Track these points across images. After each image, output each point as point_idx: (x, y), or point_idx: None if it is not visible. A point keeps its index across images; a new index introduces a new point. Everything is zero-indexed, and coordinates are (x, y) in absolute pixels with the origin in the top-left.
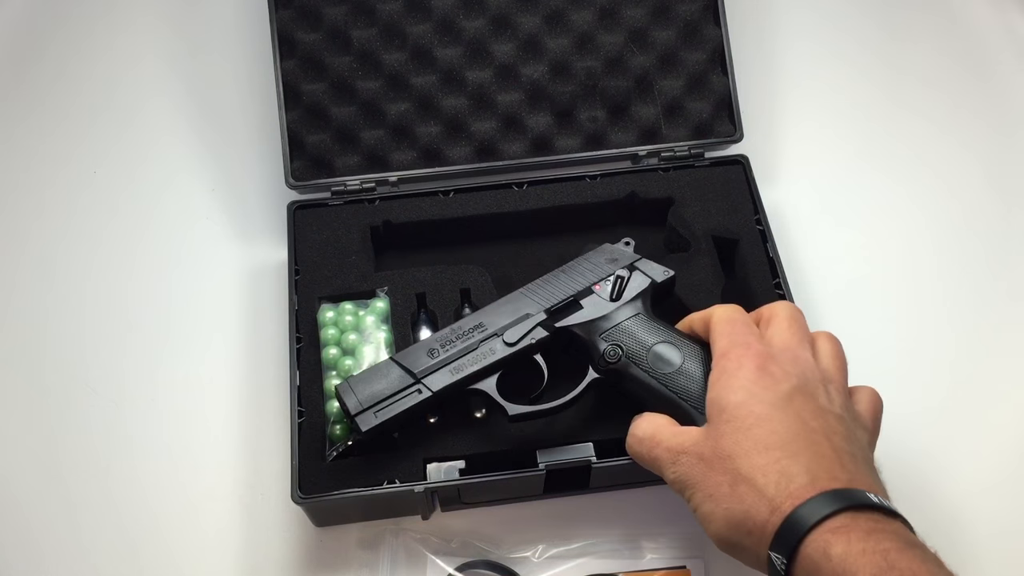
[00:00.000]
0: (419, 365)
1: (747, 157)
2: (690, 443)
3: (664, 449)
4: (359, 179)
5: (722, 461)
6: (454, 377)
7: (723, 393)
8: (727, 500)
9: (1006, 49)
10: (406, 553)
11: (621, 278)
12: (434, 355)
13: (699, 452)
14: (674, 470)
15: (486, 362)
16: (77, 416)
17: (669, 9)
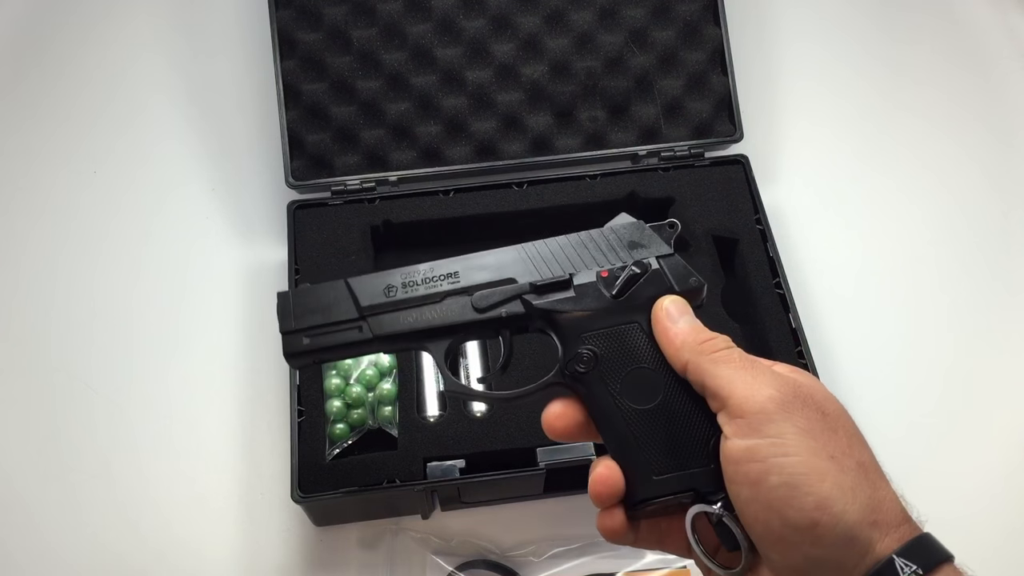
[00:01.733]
0: (370, 299)
1: (747, 157)
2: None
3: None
4: (359, 179)
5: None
6: (403, 327)
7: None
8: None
9: (1006, 49)
10: (406, 552)
11: (635, 274)
12: (390, 294)
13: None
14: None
15: (444, 321)
16: (78, 415)
17: (669, 9)
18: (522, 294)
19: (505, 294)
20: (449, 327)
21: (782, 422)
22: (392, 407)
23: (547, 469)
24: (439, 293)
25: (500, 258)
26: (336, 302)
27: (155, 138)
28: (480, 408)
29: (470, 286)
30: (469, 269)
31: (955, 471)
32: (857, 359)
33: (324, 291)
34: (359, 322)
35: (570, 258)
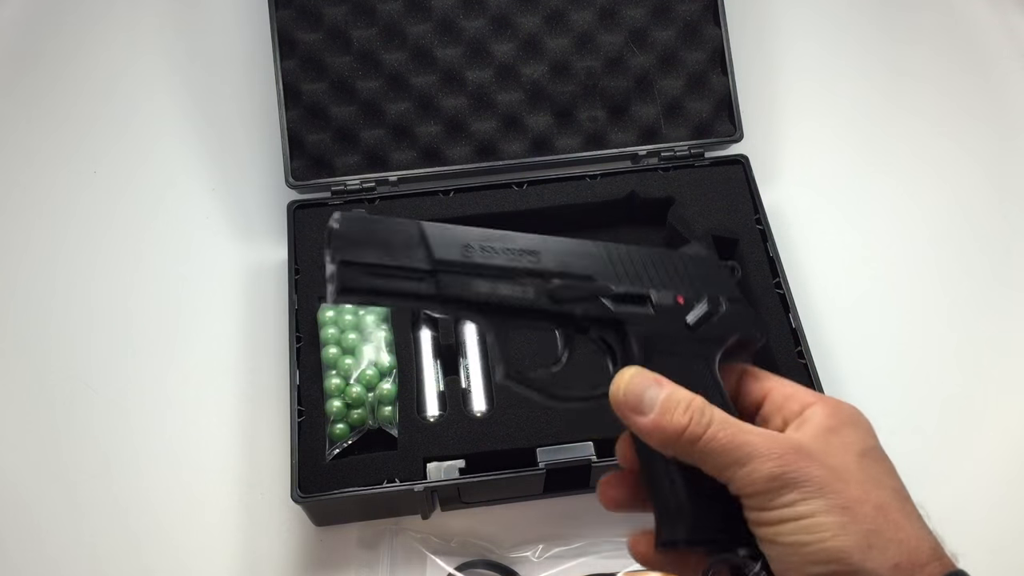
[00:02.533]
0: (445, 254)
1: (747, 157)
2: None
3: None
4: (359, 179)
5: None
6: (474, 294)
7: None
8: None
9: (1006, 49)
10: (406, 552)
11: (711, 311)
12: (468, 254)
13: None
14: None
15: (518, 301)
16: (77, 415)
17: (669, 9)
18: (602, 296)
19: (586, 291)
20: (520, 309)
21: (788, 493)
22: (392, 407)
23: (547, 469)
24: (518, 269)
25: (581, 249)
26: (405, 244)
27: (155, 138)
28: (480, 408)
29: (550, 271)
30: (549, 252)
31: (956, 472)
32: (857, 359)
33: (391, 227)
34: (428, 275)
35: (648, 273)
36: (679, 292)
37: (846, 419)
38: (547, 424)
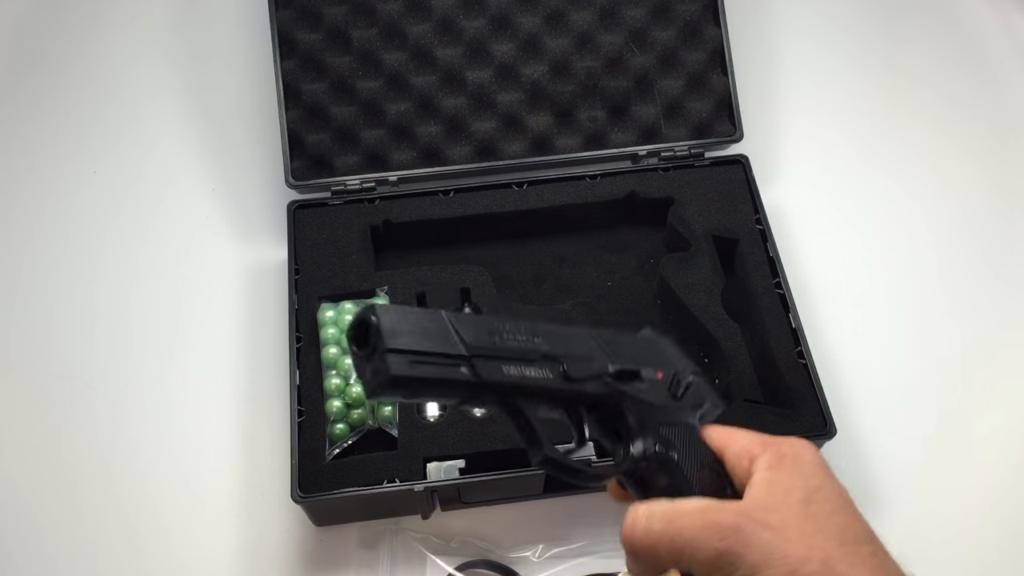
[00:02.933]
0: (476, 339)
1: (747, 157)
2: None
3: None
4: (359, 179)
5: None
6: (508, 378)
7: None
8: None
9: (1006, 50)
10: (406, 552)
11: (692, 382)
12: (494, 339)
13: None
14: None
15: (540, 383)
16: (77, 415)
17: (669, 9)
18: (606, 374)
19: (593, 370)
20: (544, 391)
21: (736, 570)
22: (392, 407)
23: None
24: (535, 352)
25: (572, 332)
26: (439, 332)
27: (155, 138)
28: (480, 408)
29: (561, 354)
30: (550, 335)
31: (956, 472)
32: (857, 359)
33: (422, 317)
34: (464, 361)
35: (631, 353)
36: (656, 369)
37: (788, 464)
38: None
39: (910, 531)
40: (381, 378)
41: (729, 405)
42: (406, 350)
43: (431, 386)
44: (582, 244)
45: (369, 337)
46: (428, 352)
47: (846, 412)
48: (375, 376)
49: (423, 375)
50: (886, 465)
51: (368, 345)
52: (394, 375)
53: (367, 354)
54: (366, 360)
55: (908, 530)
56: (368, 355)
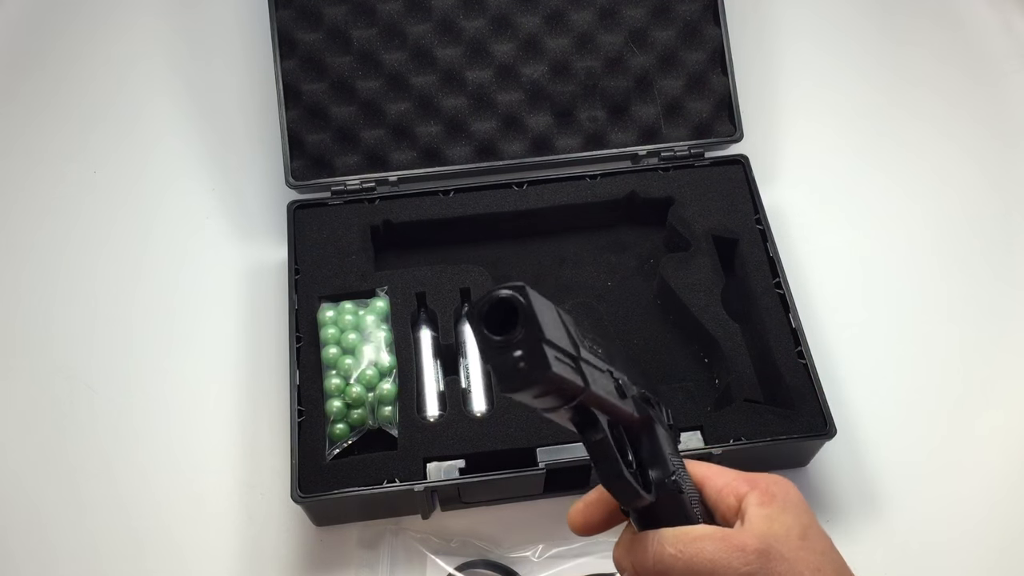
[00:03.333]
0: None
1: (747, 157)
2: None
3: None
4: (359, 179)
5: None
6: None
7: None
8: None
9: (1006, 50)
10: (406, 552)
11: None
12: (577, 347)
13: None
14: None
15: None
16: (78, 416)
17: (669, 9)
18: (638, 395)
19: (633, 390)
20: (610, 407)
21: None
22: (392, 407)
23: (547, 469)
24: (602, 367)
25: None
26: (556, 324)
27: (155, 138)
28: (480, 408)
29: (615, 371)
30: (606, 353)
31: (956, 472)
32: (857, 359)
33: (548, 309)
34: (577, 361)
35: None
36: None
37: (779, 502)
38: (547, 424)
39: (910, 531)
40: (532, 374)
41: (728, 404)
42: (555, 344)
43: (560, 389)
44: (582, 244)
45: (517, 322)
46: (563, 350)
47: (846, 412)
48: (521, 371)
49: (563, 375)
50: (886, 465)
51: (514, 332)
52: (551, 374)
53: (510, 342)
54: (508, 350)
55: (908, 530)
56: (513, 344)
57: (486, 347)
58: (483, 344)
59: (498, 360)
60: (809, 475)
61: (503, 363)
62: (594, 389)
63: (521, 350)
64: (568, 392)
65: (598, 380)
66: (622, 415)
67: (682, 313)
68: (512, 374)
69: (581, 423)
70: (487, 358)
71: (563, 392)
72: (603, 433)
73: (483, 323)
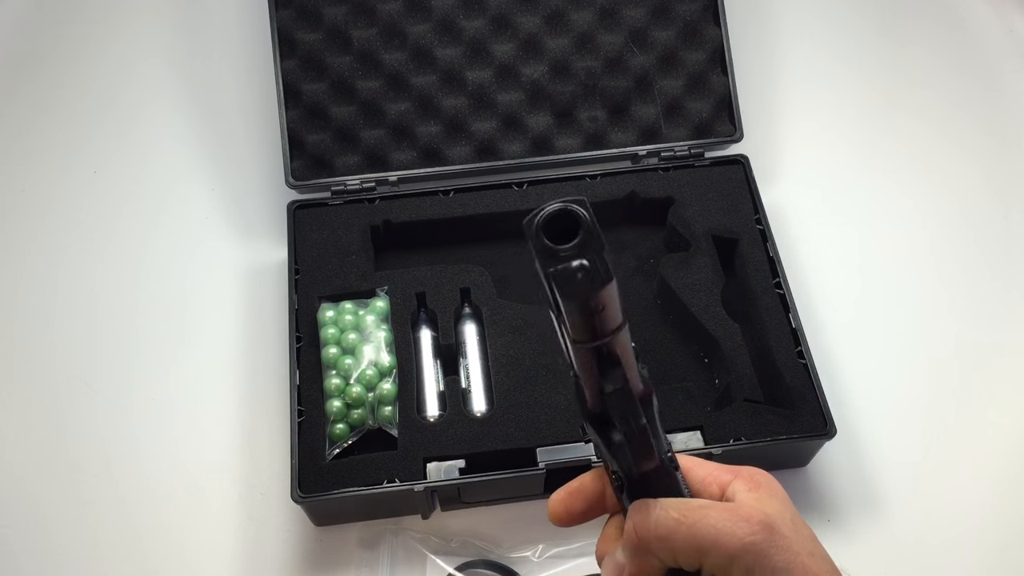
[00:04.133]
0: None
1: (747, 157)
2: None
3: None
4: (359, 179)
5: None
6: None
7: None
8: None
9: (1006, 50)
10: (406, 552)
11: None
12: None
13: None
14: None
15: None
16: (79, 416)
17: (669, 9)
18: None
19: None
20: (630, 361)
21: (761, 570)
22: (392, 407)
23: (547, 469)
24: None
25: None
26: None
27: (155, 138)
28: (480, 408)
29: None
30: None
31: (956, 472)
32: (857, 358)
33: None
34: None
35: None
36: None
37: (766, 490)
38: (547, 424)
39: (910, 531)
40: (595, 281)
41: (728, 404)
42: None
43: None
44: None
45: (578, 234)
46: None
47: (846, 412)
48: (585, 277)
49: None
50: (886, 465)
51: (574, 241)
52: (613, 285)
53: (573, 252)
54: (572, 258)
55: (908, 530)
56: (577, 252)
57: (547, 256)
58: (544, 254)
59: (559, 268)
60: (809, 475)
61: (565, 270)
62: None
63: (586, 258)
64: (611, 320)
65: (627, 339)
66: (634, 377)
67: (682, 313)
68: (574, 279)
69: (604, 366)
70: (547, 266)
71: (608, 317)
72: (624, 382)
73: (540, 232)
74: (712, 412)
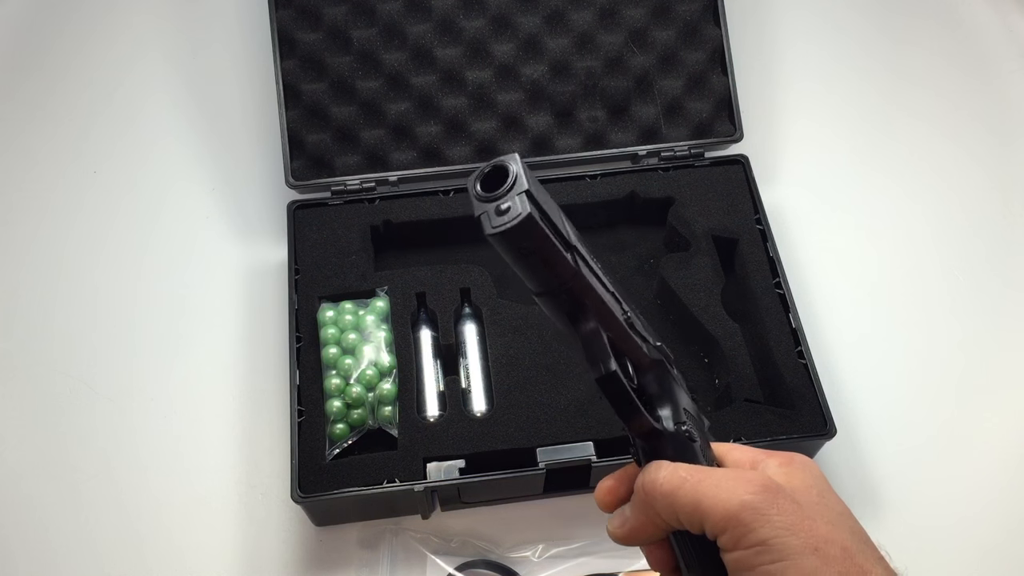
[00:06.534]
0: (580, 242)
1: (747, 157)
2: None
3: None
4: (359, 179)
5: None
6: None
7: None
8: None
9: (1006, 50)
10: (406, 552)
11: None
12: (570, 240)
13: None
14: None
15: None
16: (78, 416)
17: (669, 9)
18: (655, 343)
19: (650, 333)
20: (613, 325)
21: (760, 528)
22: (392, 407)
23: (547, 469)
24: (613, 286)
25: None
26: (555, 211)
27: (155, 138)
28: (480, 408)
29: (623, 300)
30: (618, 283)
31: (956, 472)
32: (857, 358)
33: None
34: (572, 250)
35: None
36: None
37: (799, 466)
38: (547, 424)
39: (910, 531)
40: (512, 218)
41: (729, 404)
42: (539, 204)
43: (542, 252)
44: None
45: (506, 181)
46: (551, 221)
47: (846, 412)
48: (505, 215)
49: (546, 234)
50: (886, 465)
51: (501, 188)
52: (528, 216)
53: (501, 195)
54: (497, 200)
55: (908, 530)
56: (501, 196)
57: (478, 200)
58: (476, 199)
59: (483, 213)
60: None
61: (488, 214)
62: (587, 278)
63: (508, 201)
64: (557, 267)
65: (595, 287)
66: (625, 340)
67: (682, 313)
68: (493, 221)
69: (572, 313)
70: (477, 211)
71: (551, 263)
72: (594, 324)
73: (478, 185)
74: (712, 412)
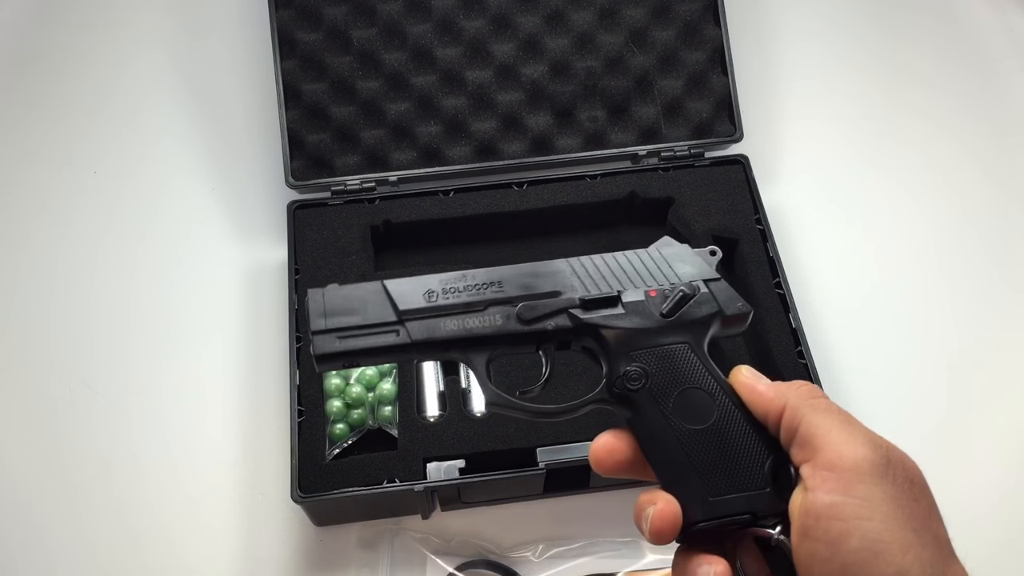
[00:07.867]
0: (409, 303)
1: (747, 157)
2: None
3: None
4: (359, 179)
5: None
6: (443, 333)
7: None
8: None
9: (1006, 49)
10: (406, 552)
11: (686, 295)
12: (431, 298)
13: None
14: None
15: (487, 330)
16: (77, 416)
17: (669, 9)
18: (569, 308)
19: (552, 307)
20: (491, 337)
21: (873, 485)
22: (392, 407)
23: (547, 469)
24: (482, 301)
25: (546, 269)
26: (372, 304)
27: (155, 138)
28: (480, 408)
29: (515, 296)
30: (513, 278)
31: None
32: (857, 359)
33: (358, 292)
34: (396, 326)
35: (617, 276)
36: (650, 287)
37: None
38: (547, 424)
39: None
40: (316, 355)
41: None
42: (332, 328)
43: (363, 354)
44: (582, 244)
45: (302, 319)
46: (358, 326)
47: None
48: (315, 354)
49: (351, 348)
50: None
51: (307, 325)
52: (319, 354)
53: (305, 335)
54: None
55: None
56: (305, 337)
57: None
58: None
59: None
60: None
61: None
62: (418, 338)
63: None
64: (384, 353)
65: (447, 327)
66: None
67: None
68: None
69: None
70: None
71: (375, 356)
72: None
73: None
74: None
